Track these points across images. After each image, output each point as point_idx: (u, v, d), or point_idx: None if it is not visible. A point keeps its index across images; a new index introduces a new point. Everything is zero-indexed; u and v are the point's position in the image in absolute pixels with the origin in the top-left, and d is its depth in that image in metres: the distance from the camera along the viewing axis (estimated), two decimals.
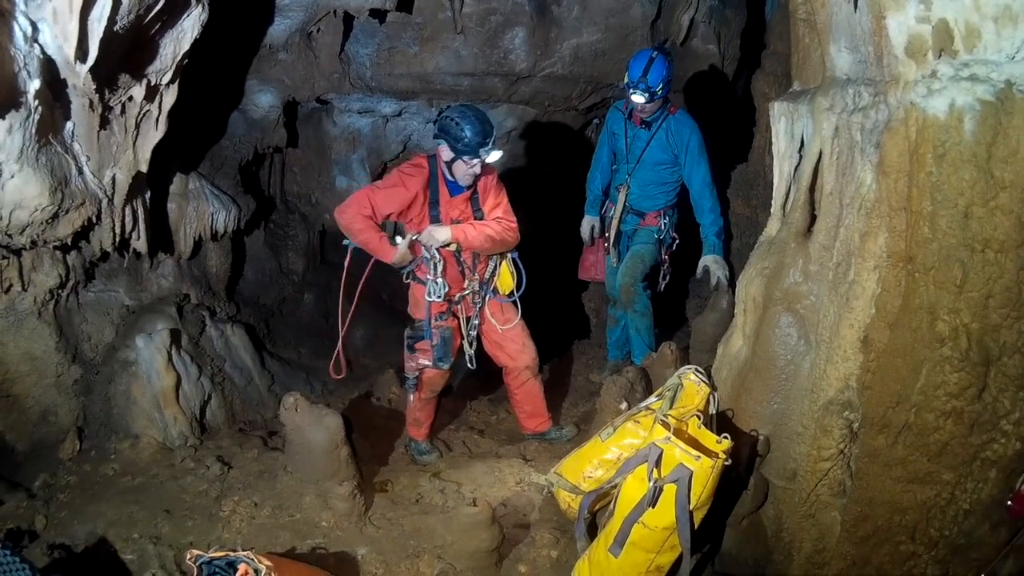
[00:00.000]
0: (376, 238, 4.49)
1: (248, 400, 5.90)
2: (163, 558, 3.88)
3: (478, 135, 4.26)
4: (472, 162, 4.35)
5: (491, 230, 4.58)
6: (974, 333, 2.73)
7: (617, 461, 3.69)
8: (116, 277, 5.63)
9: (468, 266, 4.76)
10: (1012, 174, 2.54)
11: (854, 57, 3.20)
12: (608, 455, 3.81)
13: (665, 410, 3.50)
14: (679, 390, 3.63)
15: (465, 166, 4.37)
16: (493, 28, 6.46)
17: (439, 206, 4.57)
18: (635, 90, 5.09)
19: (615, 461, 3.73)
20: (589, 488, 3.76)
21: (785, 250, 3.54)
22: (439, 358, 4.72)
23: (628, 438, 3.75)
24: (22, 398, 4.97)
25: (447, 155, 4.39)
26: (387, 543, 4.09)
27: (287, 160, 7.85)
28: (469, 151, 4.29)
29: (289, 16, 6.05)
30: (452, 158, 4.37)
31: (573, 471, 3.92)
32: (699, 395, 3.59)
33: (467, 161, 4.34)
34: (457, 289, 4.75)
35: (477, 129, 4.26)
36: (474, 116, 4.31)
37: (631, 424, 3.74)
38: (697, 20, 6.88)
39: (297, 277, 7.99)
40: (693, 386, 3.61)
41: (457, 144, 4.29)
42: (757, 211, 5.93)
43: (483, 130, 4.29)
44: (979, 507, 2.92)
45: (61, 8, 3.48)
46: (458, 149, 4.30)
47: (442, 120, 4.37)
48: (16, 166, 3.74)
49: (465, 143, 4.26)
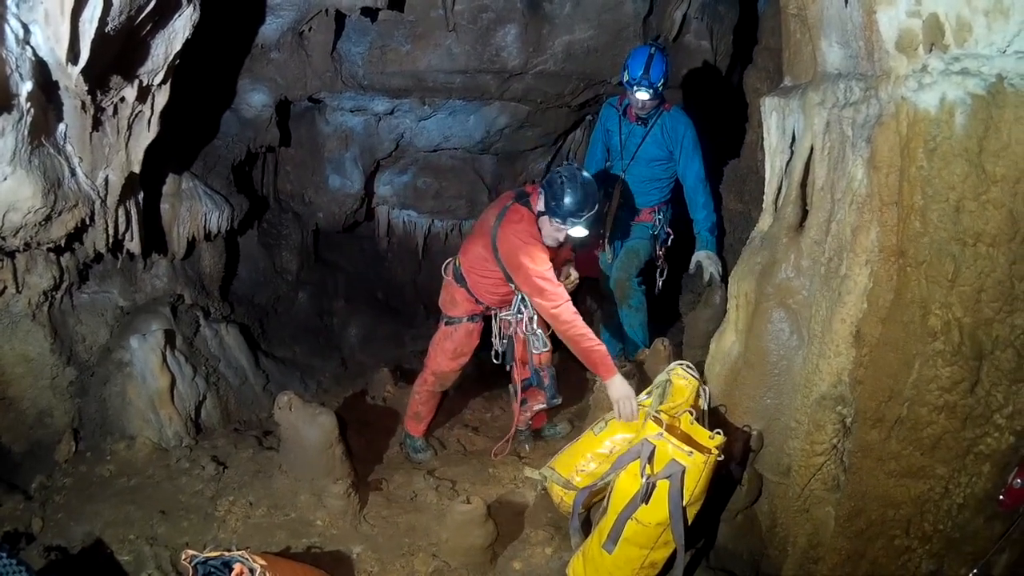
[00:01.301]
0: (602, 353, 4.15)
1: (243, 400, 5.90)
2: (159, 558, 3.89)
3: (576, 204, 4.13)
4: (560, 227, 4.21)
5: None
6: (966, 327, 2.74)
7: (610, 455, 3.73)
8: (110, 278, 5.62)
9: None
10: (1003, 168, 2.54)
11: (845, 52, 3.20)
12: (601, 449, 3.84)
13: (656, 406, 3.51)
14: (668, 386, 3.65)
15: (550, 226, 4.25)
16: (485, 25, 6.46)
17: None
18: (639, 87, 5.08)
19: (608, 455, 3.76)
20: (582, 483, 3.78)
21: (777, 245, 3.54)
22: (552, 396, 4.73)
23: (620, 432, 3.78)
24: (17, 400, 4.97)
25: (539, 206, 4.27)
26: (382, 541, 4.09)
27: (280, 159, 7.85)
28: (560, 216, 4.16)
29: (281, 15, 6.05)
30: (541, 212, 4.26)
31: (566, 466, 3.94)
32: (688, 389, 3.60)
33: (555, 224, 4.21)
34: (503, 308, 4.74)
35: (578, 199, 4.12)
36: (580, 185, 4.14)
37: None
38: (690, 16, 6.89)
39: (291, 276, 8.00)
40: (682, 381, 3.62)
41: (551, 203, 4.16)
42: (749, 206, 5.93)
43: (583, 202, 4.13)
44: (973, 501, 2.92)
45: (52, 10, 3.47)
46: (551, 208, 4.17)
47: (551, 175, 4.23)
48: (9, 168, 3.73)
49: (561, 209, 4.14)
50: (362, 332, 7.81)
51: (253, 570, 2.92)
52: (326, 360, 7.39)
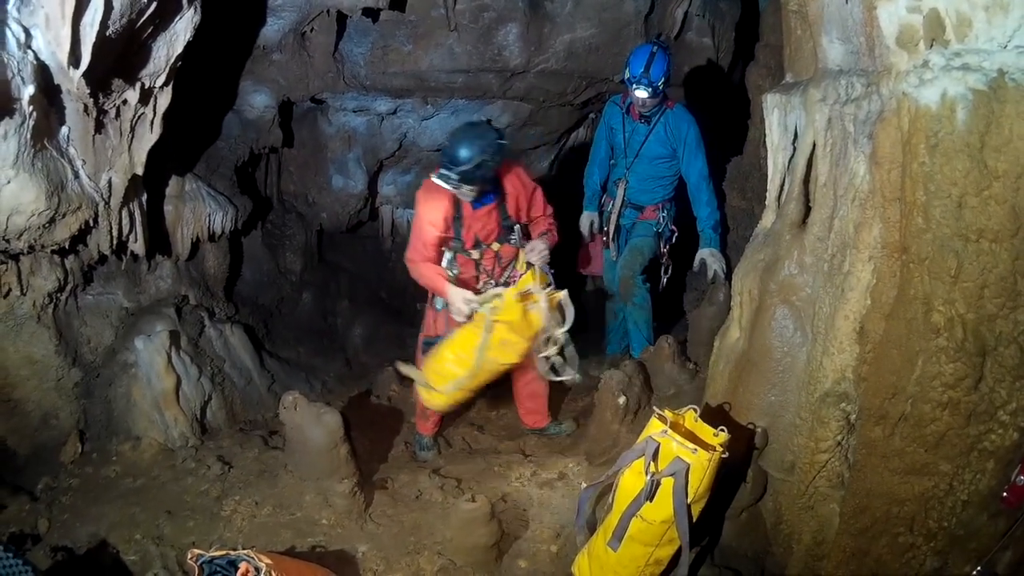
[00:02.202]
0: (441, 282, 4.51)
1: (248, 400, 5.91)
2: (165, 558, 3.90)
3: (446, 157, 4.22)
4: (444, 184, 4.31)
5: (550, 240, 4.65)
6: (969, 323, 2.73)
7: (459, 358, 4.27)
8: (114, 280, 5.63)
9: (486, 270, 4.72)
10: (1005, 163, 2.54)
11: (846, 48, 3.20)
12: (459, 352, 4.29)
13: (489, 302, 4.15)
14: (499, 298, 4.15)
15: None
16: (486, 24, 6.45)
17: (462, 220, 4.53)
18: (638, 85, 5.08)
19: (462, 358, 4.26)
20: (436, 383, 4.34)
21: (780, 242, 3.55)
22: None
23: (471, 335, 4.23)
24: (23, 402, 4.98)
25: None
26: (387, 540, 4.10)
27: (283, 160, 7.84)
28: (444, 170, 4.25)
29: (282, 16, 6.05)
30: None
31: (431, 369, 4.43)
32: (532, 276, 4.21)
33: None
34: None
35: (447, 151, 4.22)
36: (451, 137, 4.29)
37: (472, 327, 4.27)
38: (691, 13, 6.88)
39: (295, 277, 7.99)
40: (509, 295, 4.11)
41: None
42: (753, 203, 5.93)
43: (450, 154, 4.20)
44: (977, 498, 2.92)
45: (53, 14, 3.48)
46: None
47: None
48: (12, 171, 3.75)
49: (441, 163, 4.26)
50: (366, 332, 7.81)
51: (259, 569, 2.93)
52: (330, 360, 7.39)
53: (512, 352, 4.25)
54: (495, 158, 4.19)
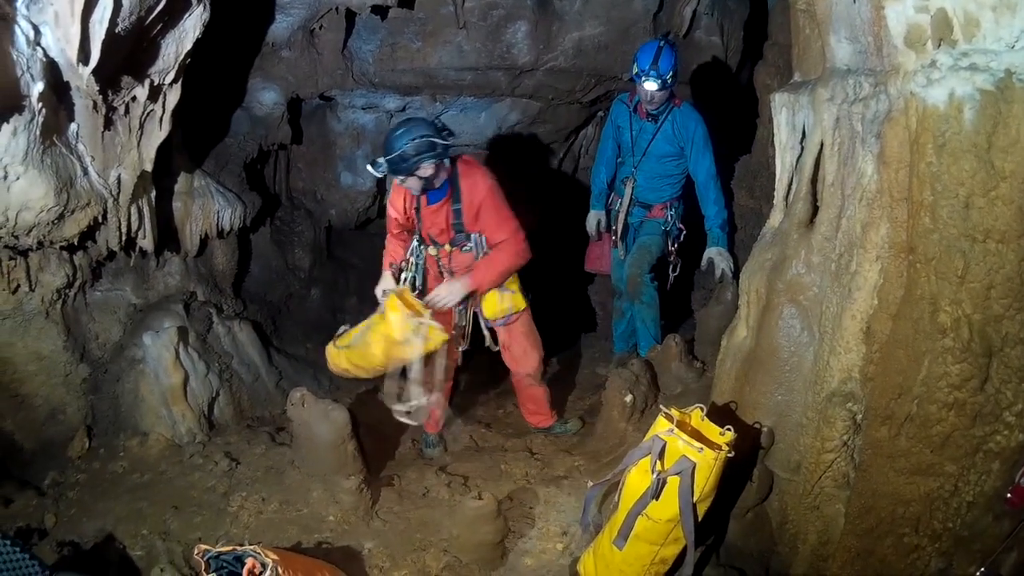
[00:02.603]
0: (385, 263, 4.88)
1: (256, 396, 5.93)
2: (172, 553, 3.91)
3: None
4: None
5: (503, 265, 4.53)
6: (976, 324, 2.73)
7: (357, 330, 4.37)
8: (123, 276, 5.66)
9: (446, 268, 4.72)
10: (1013, 164, 2.52)
11: (854, 47, 3.19)
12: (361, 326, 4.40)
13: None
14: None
15: None
16: (495, 22, 6.46)
17: (420, 213, 4.59)
18: (647, 78, 5.05)
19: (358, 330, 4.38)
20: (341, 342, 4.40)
21: (788, 241, 3.54)
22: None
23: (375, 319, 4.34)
24: (31, 397, 5.01)
25: None
26: (393, 537, 4.11)
27: (292, 157, 7.86)
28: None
29: (291, 14, 6.07)
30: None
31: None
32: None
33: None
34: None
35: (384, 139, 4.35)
36: (394, 127, 4.34)
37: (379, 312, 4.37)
38: (700, 12, 6.86)
39: (303, 273, 8.01)
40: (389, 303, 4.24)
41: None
42: (760, 202, 5.91)
43: (385, 143, 4.28)
44: (982, 499, 2.91)
45: (62, 11, 3.50)
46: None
47: None
48: (21, 168, 3.77)
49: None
50: None
51: (265, 565, 2.94)
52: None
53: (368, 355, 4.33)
54: (421, 152, 4.17)
